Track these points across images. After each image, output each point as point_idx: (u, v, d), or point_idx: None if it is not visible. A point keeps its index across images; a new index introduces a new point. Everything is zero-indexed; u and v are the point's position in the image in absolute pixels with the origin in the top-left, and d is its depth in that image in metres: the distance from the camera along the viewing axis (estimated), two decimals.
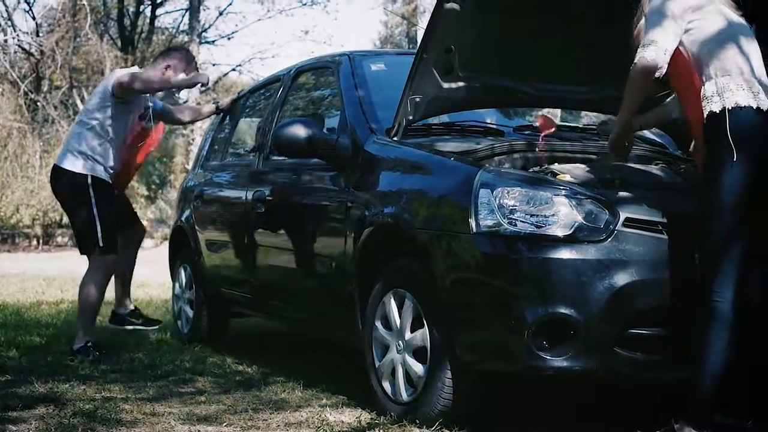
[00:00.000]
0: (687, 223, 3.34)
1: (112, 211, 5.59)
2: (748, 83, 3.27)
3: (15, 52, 27.38)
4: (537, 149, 4.07)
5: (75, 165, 5.49)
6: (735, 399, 3.36)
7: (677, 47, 3.40)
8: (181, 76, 5.66)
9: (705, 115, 3.27)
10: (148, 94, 5.74)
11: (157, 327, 6.24)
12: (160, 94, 6.05)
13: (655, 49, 3.36)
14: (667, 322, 3.33)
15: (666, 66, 3.39)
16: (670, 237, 3.34)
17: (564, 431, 3.87)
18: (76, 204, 5.56)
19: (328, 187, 4.54)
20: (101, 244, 5.47)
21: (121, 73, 5.53)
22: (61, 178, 5.59)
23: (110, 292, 5.81)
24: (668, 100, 4.14)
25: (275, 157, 5.19)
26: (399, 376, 3.83)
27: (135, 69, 5.78)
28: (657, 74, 3.39)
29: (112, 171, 5.59)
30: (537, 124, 4.37)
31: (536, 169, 3.93)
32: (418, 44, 4.14)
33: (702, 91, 3.31)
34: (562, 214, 3.32)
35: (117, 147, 5.60)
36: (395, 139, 4.20)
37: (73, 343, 5.50)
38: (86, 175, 5.47)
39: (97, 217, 5.45)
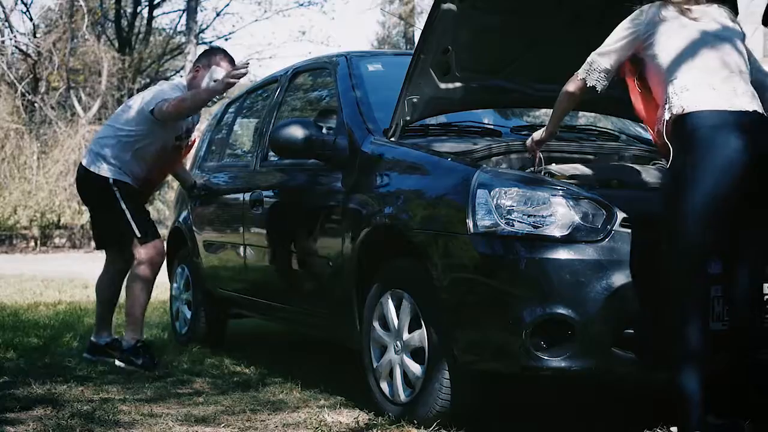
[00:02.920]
0: None
1: (140, 204, 5.51)
2: (712, 87, 3.27)
3: (12, 53, 27.37)
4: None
5: (100, 168, 5.41)
6: (730, 398, 3.36)
7: (647, 63, 3.47)
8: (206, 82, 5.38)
9: (665, 121, 3.30)
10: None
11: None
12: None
13: (588, 69, 3.59)
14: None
15: (600, 85, 3.58)
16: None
17: (563, 431, 3.87)
18: (102, 205, 5.49)
19: (325, 187, 4.54)
20: (139, 235, 5.36)
21: (163, 97, 5.31)
22: (85, 179, 5.51)
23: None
24: None
25: (272, 158, 5.19)
26: (397, 377, 3.83)
27: (180, 83, 5.56)
28: (596, 89, 3.60)
29: (135, 182, 5.48)
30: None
31: (533, 169, 3.94)
32: (415, 45, 4.14)
33: (664, 98, 3.34)
34: (560, 215, 3.32)
35: (145, 164, 5.48)
36: (392, 139, 4.20)
37: (123, 342, 5.35)
38: (108, 178, 5.39)
39: (128, 212, 5.36)
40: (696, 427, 3.15)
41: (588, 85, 3.61)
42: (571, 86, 3.67)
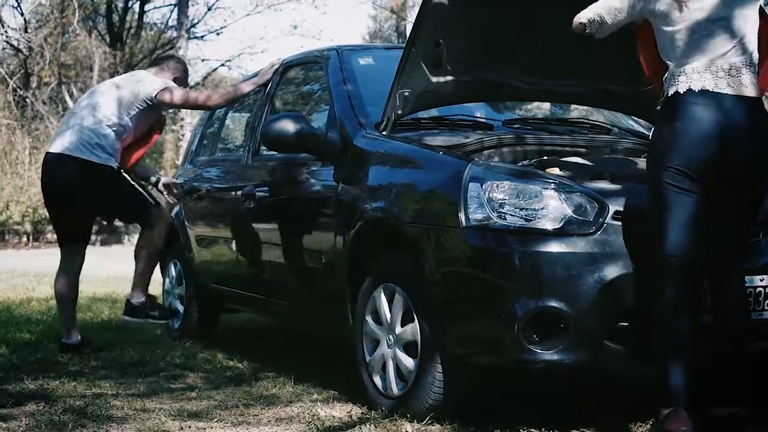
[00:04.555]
0: None
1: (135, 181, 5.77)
2: (709, 67, 3.29)
3: (3, 49, 27.36)
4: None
5: (101, 158, 5.44)
6: (731, 390, 3.37)
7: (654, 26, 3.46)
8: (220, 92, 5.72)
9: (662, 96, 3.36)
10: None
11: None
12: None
13: (587, 13, 3.58)
14: None
15: (598, 32, 3.60)
16: None
17: (552, 422, 3.87)
18: (112, 190, 5.53)
19: (317, 181, 4.53)
20: (154, 203, 5.60)
21: (164, 86, 5.53)
22: (89, 171, 5.44)
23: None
24: None
25: (264, 152, 5.19)
26: (390, 371, 3.83)
27: (162, 81, 5.67)
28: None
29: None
30: None
31: (525, 162, 3.93)
32: (407, 38, 4.13)
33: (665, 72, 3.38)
34: (552, 208, 3.33)
35: (124, 152, 5.66)
36: (384, 133, 4.20)
37: (130, 301, 5.63)
38: (113, 166, 5.51)
39: (137, 186, 5.64)
40: (683, 407, 3.17)
41: (586, 31, 3.62)
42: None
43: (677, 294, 3.20)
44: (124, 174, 5.64)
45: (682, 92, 3.26)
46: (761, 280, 3.45)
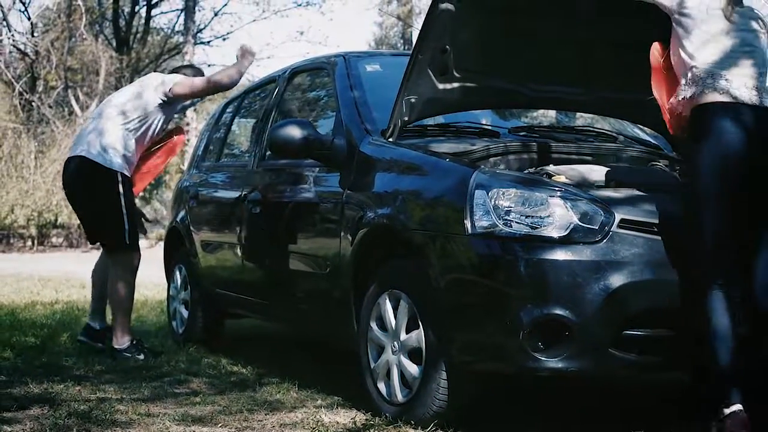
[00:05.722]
0: (681, 224, 3.36)
1: (135, 209, 5.71)
2: (727, 79, 3.35)
3: (10, 52, 27.34)
4: None
5: (108, 162, 5.49)
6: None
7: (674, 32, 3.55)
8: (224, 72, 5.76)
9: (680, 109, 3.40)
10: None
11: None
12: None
13: None
14: (663, 324, 3.33)
15: None
16: (665, 238, 3.35)
17: (556, 429, 3.87)
18: (106, 201, 5.54)
19: (323, 188, 4.54)
20: (128, 242, 5.53)
21: (171, 81, 5.67)
22: (91, 173, 5.52)
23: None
24: None
25: (270, 158, 5.19)
26: (394, 377, 3.83)
27: (177, 77, 5.81)
28: None
29: (131, 172, 5.68)
30: None
31: (531, 170, 3.93)
32: (414, 44, 4.14)
33: (681, 84, 3.43)
34: (558, 215, 3.33)
35: (138, 150, 5.71)
36: (390, 140, 4.20)
37: (114, 344, 5.55)
38: (118, 172, 5.51)
39: (126, 215, 5.51)
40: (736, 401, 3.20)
41: None
42: None
43: (722, 303, 3.26)
44: (124, 188, 5.54)
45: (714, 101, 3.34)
46: None
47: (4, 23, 26.91)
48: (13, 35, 26.75)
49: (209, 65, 28.76)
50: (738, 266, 3.36)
